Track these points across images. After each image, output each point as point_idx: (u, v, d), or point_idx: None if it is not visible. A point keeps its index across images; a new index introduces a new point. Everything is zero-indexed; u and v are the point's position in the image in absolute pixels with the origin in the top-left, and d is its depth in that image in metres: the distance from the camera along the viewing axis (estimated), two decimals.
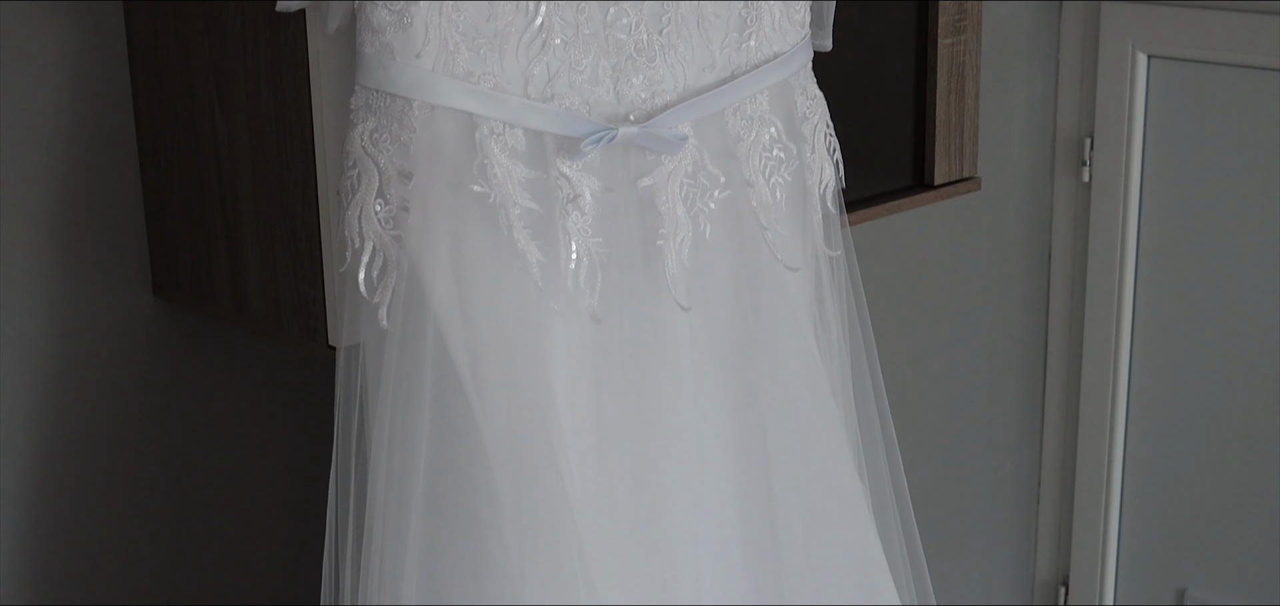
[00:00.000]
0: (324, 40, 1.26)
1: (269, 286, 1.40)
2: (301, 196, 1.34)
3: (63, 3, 1.50)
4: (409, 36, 1.18)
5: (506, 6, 1.21)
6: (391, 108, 1.19)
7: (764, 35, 1.32)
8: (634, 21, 1.26)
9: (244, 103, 1.38)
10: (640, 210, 1.27)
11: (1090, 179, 2.28)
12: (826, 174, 1.38)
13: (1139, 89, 2.21)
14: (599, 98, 1.25)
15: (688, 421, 1.30)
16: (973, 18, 1.75)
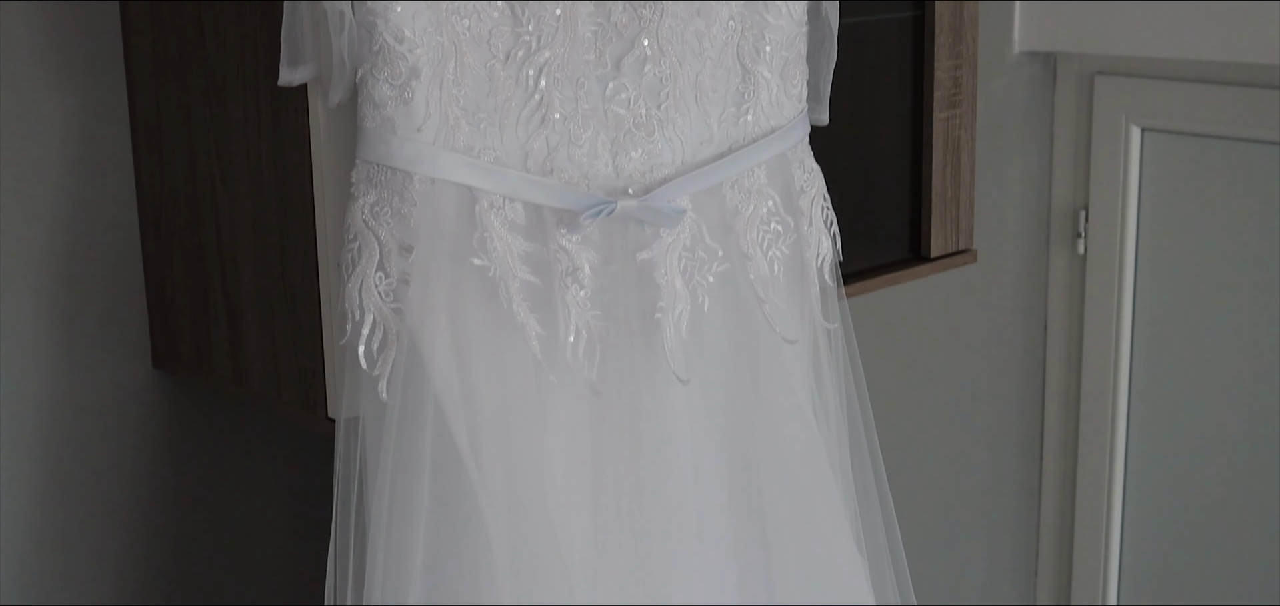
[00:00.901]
0: (325, 114, 1.27)
1: (268, 358, 1.41)
2: (302, 268, 1.34)
3: (66, 73, 1.51)
4: (410, 111, 1.19)
5: (507, 81, 1.22)
6: (392, 181, 1.20)
7: (761, 109, 1.33)
8: (632, 96, 1.27)
9: (245, 175, 1.39)
10: (639, 283, 1.28)
11: (1085, 251, 2.29)
12: (824, 247, 1.39)
13: (1133, 162, 2.23)
14: (598, 171, 1.26)
15: (686, 494, 1.30)
16: (968, 92, 1.77)
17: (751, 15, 1.31)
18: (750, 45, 1.32)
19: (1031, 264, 2.33)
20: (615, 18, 1.25)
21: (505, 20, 1.21)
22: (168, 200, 1.51)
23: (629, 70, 1.26)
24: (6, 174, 1.49)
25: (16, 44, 1.48)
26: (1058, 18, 2.18)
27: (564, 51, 1.23)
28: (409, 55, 1.18)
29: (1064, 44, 2.20)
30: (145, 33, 1.49)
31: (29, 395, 1.54)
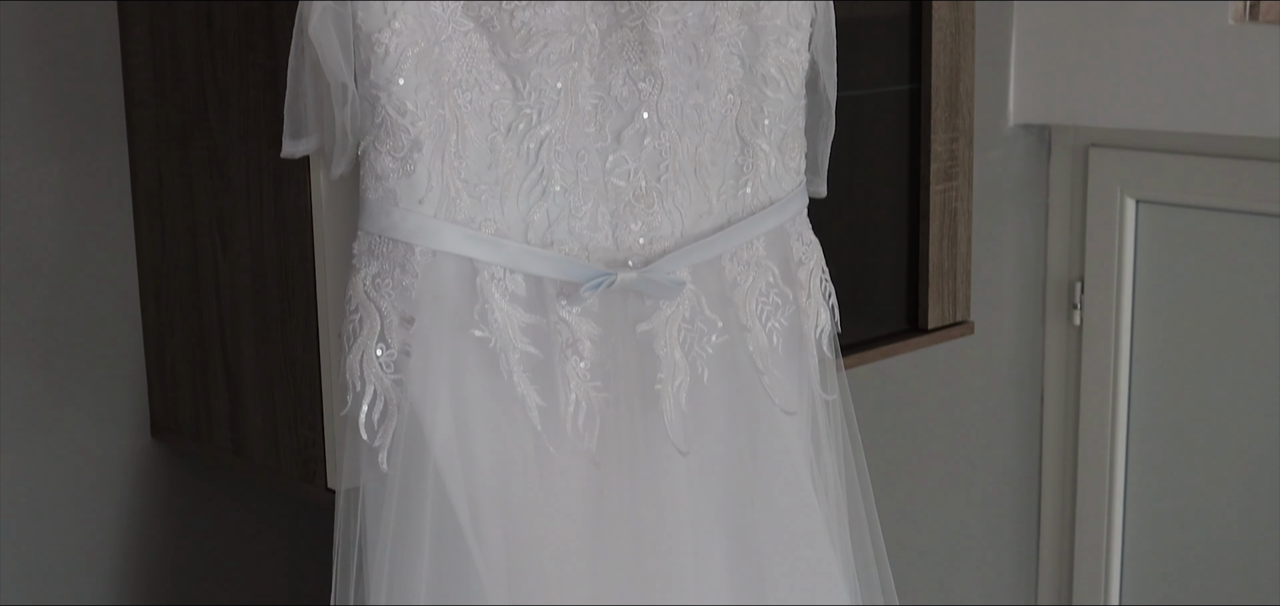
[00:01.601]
0: (328, 185, 1.28)
1: (268, 429, 1.41)
2: (303, 339, 1.35)
3: (68, 142, 1.52)
4: (412, 183, 1.20)
5: (508, 154, 1.23)
6: (394, 253, 1.21)
7: (760, 182, 1.34)
8: (632, 168, 1.28)
9: (247, 245, 1.40)
10: (638, 355, 1.28)
11: (1081, 322, 2.30)
12: (822, 318, 1.39)
13: (1128, 233, 2.24)
14: (598, 243, 1.27)
15: (686, 565, 1.30)
16: (964, 164, 1.78)
17: (750, 89, 1.33)
18: (749, 119, 1.33)
19: (1028, 335, 2.33)
20: (615, 91, 1.26)
21: (506, 94, 1.23)
22: (168, 270, 1.52)
23: (629, 143, 1.27)
24: (7, 241, 1.50)
25: (19, 111, 1.49)
26: (1052, 91, 2.20)
27: (565, 125, 1.24)
28: (411, 128, 1.19)
29: (1059, 117, 2.22)
30: (148, 104, 1.50)
31: (28, 463, 1.54)
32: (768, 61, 1.33)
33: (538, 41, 1.21)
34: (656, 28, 1.26)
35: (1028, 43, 2.20)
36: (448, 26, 1.20)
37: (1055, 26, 2.17)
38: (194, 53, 1.42)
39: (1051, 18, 2.17)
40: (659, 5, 1.25)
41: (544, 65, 1.22)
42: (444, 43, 1.20)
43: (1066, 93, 2.18)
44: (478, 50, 1.21)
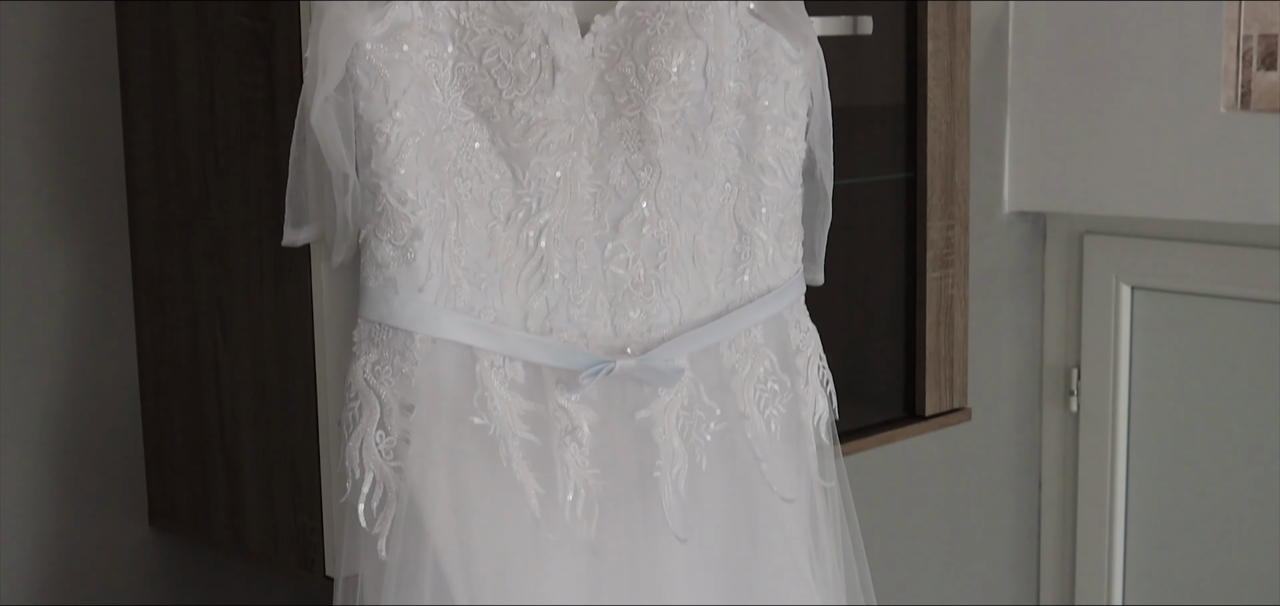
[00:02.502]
0: (328, 273, 1.29)
1: (267, 517, 1.41)
2: (302, 427, 1.35)
3: (70, 230, 1.53)
4: (412, 271, 1.21)
5: (507, 242, 1.24)
6: (394, 340, 1.21)
7: (757, 270, 1.35)
8: (631, 257, 1.29)
9: (247, 334, 1.40)
10: (637, 442, 1.28)
11: (1078, 409, 2.30)
12: (820, 406, 1.40)
13: (1123, 320, 2.25)
14: (597, 331, 1.27)
15: None
16: (959, 252, 1.79)
17: (747, 178, 1.34)
18: (746, 207, 1.34)
19: (1025, 421, 2.34)
20: (614, 180, 1.28)
21: (506, 182, 1.24)
22: (168, 358, 1.52)
23: (627, 231, 1.28)
24: (8, 329, 1.51)
25: (22, 200, 1.50)
26: (1047, 178, 2.21)
27: (564, 213, 1.25)
28: (412, 216, 1.20)
29: (1053, 204, 2.23)
30: (150, 193, 1.52)
31: (26, 551, 1.53)
32: (765, 150, 1.34)
33: (537, 131, 1.23)
34: (655, 117, 1.27)
35: (1022, 131, 2.22)
36: (448, 116, 1.21)
37: (1049, 114, 2.19)
38: (196, 143, 1.43)
39: (1045, 106, 2.19)
40: (657, 95, 1.27)
41: (543, 154, 1.23)
42: (444, 132, 1.21)
43: (1061, 180, 2.20)
44: (478, 139, 1.22)
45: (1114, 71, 2.12)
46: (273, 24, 1.31)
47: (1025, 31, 2.20)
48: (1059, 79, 2.18)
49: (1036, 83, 2.20)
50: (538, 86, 1.22)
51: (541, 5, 1.22)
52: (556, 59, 1.22)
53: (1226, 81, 2.04)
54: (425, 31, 1.20)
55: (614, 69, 1.27)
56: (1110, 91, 2.13)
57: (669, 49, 1.27)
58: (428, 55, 1.20)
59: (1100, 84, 2.14)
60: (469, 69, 1.21)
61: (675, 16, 1.28)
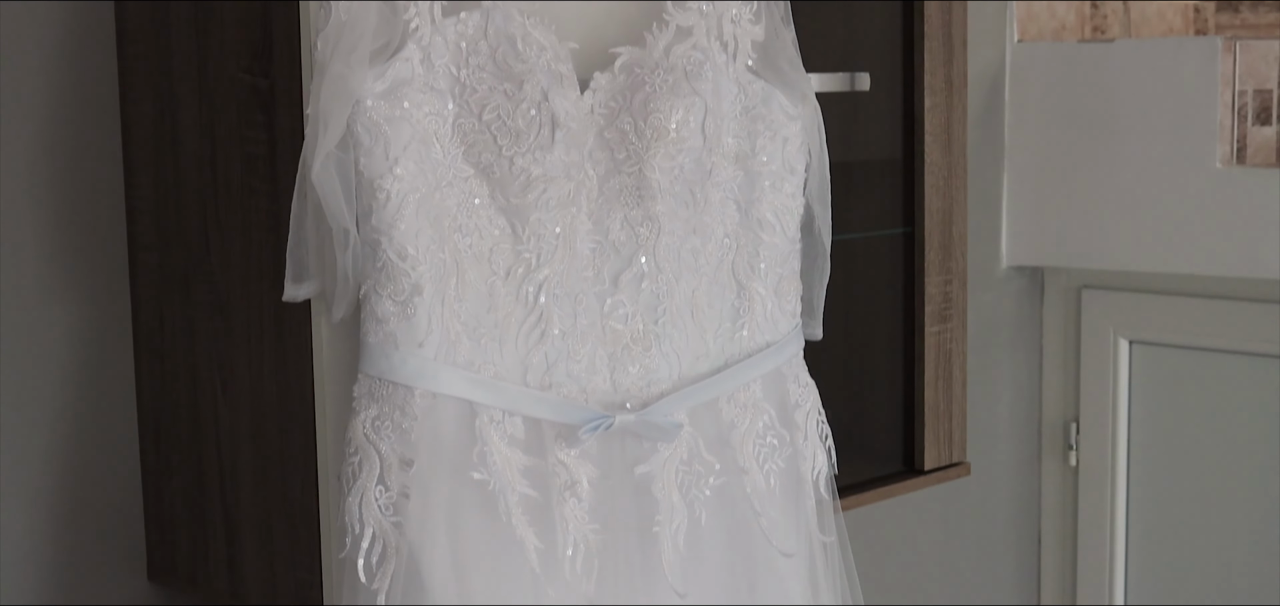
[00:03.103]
0: (328, 328, 1.29)
1: (266, 572, 1.41)
2: (301, 482, 1.35)
3: (72, 285, 1.53)
4: (412, 326, 1.21)
5: (507, 297, 1.24)
6: (394, 395, 1.22)
7: (756, 324, 1.35)
8: (630, 312, 1.29)
9: (247, 388, 1.41)
10: (636, 497, 1.29)
11: (1077, 463, 2.30)
12: (819, 460, 1.40)
13: (1122, 374, 2.25)
14: (596, 386, 1.28)
15: None
16: (958, 306, 1.80)
17: (746, 233, 1.34)
18: (745, 262, 1.35)
19: (1024, 476, 2.34)
20: (613, 236, 1.28)
21: (506, 238, 1.24)
22: (168, 413, 1.53)
23: (626, 287, 1.29)
24: (10, 383, 1.51)
25: (23, 254, 1.51)
26: (1044, 233, 2.22)
27: (563, 268, 1.26)
28: (412, 272, 1.20)
29: (1051, 259, 2.24)
30: (153, 248, 1.52)
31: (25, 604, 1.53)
32: (763, 206, 1.34)
33: (537, 187, 1.23)
34: (654, 173, 1.28)
35: (1019, 185, 2.23)
36: (448, 172, 1.22)
37: (1046, 169, 2.20)
38: (197, 198, 1.44)
39: (1043, 160, 2.20)
40: (656, 151, 1.27)
41: (543, 210, 1.24)
42: (444, 188, 1.22)
43: (1058, 235, 2.21)
44: (478, 195, 1.23)
45: (1111, 126, 2.13)
46: (274, 81, 1.32)
47: (1022, 86, 2.21)
48: (1056, 134, 2.19)
49: (1033, 137, 2.21)
50: (537, 143, 1.23)
51: (541, 62, 1.23)
52: (556, 115, 1.23)
53: (1222, 136, 2.06)
54: (426, 88, 1.21)
55: (613, 125, 1.27)
56: (1107, 146, 2.14)
57: (668, 105, 1.28)
58: (428, 112, 1.21)
59: (1097, 138, 2.15)
60: (469, 125, 1.22)
61: (674, 73, 1.28)
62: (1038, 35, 2.27)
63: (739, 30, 1.34)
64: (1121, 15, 2.45)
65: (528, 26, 1.23)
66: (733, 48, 1.33)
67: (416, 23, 1.21)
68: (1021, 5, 2.24)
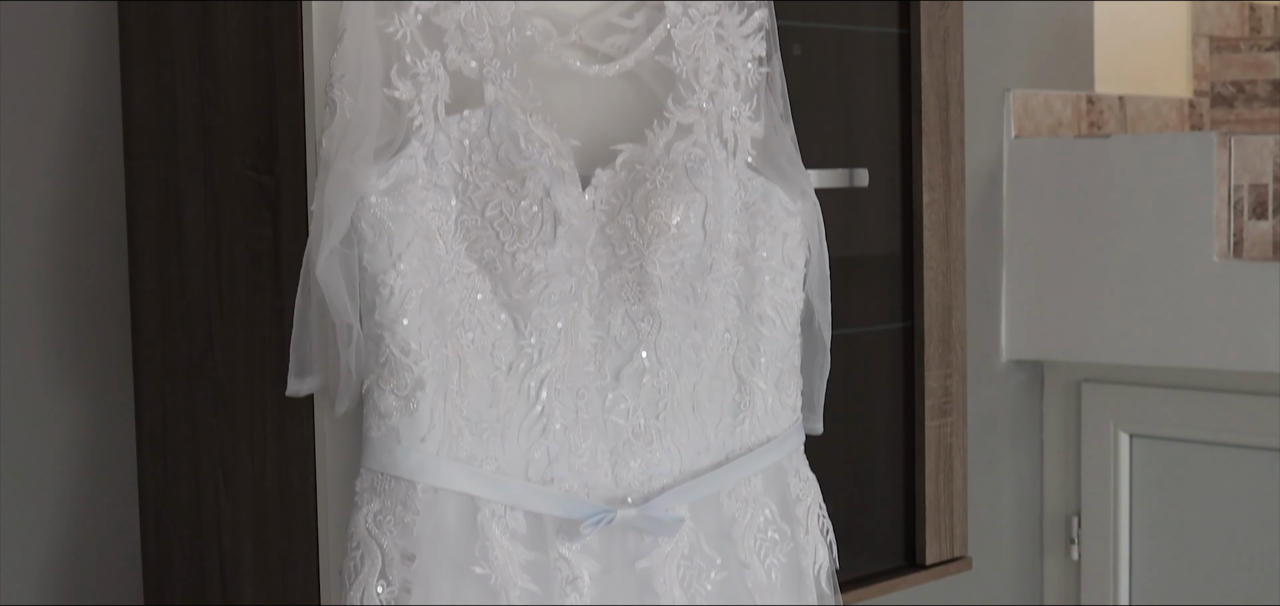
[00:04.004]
0: (330, 423, 1.30)
1: None
2: (303, 577, 1.35)
3: (75, 380, 1.54)
4: (415, 421, 1.21)
5: (509, 392, 1.25)
6: (396, 490, 1.22)
7: (757, 419, 1.36)
8: (631, 406, 1.30)
9: (249, 483, 1.41)
10: (638, 592, 1.28)
11: (1079, 557, 2.30)
12: (820, 555, 1.40)
13: (1123, 468, 2.25)
14: (597, 481, 1.28)
15: None
16: (958, 400, 1.80)
17: (746, 328, 1.35)
18: (746, 356, 1.35)
19: (1026, 570, 2.33)
20: (614, 331, 1.29)
21: (508, 333, 1.25)
22: (170, 507, 1.53)
23: (628, 381, 1.29)
24: (11, 476, 1.51)
25: (28, 350, 1.52)
26: (1043, 327, 2.23)
27: (565, 363, 1.27)
28: (415, 367, 1.21)
29: (1050, 352, 2.24)
30: (156, 342, 1.53)
31: None
32: (763, 301, 1.35)
33: (539, 283, 1.24)
34: (655, 269, 1.29)
35: (1018, 279, 2.24)
36: (451, 268, 1.23)
37: (1045, 263, 2.21)
38: (201, 293, 1.45)
39: (1041, 254, 2.22)
40: (657, 247, 1.28)
41: (545, 305, 1.25)
42: (447, 284, 1.23)
43: (1057, 329, 2.22)
44: (480, 291, 1.24)
45: (1108, 220, 2.15)
46: (279, 177, 1.33)
47: (1019, 181, 2.23)
48: (1054, 228, 2.20)
49: (1032, 232, 2.22)
50: (540, 239, 1.24)
51: (543, 159, 1.24)
52: (558, 212, 1.24)
53: (1219, 230, 2.07)
54: (429, 185, 1.22)
55: (614, 221, 1.29)
56: (1105, 240, 2.15)
57: (668, 202, 1.29)
58: (431, 208, 1.22)
59: (1095, 233, 2.16)
60: (472, 221, 1.23)
61: (674, 170, 1.30)
62: (1034, 131, 2.29)
63: (739, 127, 1.35)
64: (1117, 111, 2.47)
65: (530, 124, 1.25)
66: (733, 145, 1.35)
67: (420, 120, 1.22)
68: (1018, 101, 2.26)
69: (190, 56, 1.43)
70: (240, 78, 1.36)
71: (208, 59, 1.41)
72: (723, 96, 1.35)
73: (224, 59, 1.38)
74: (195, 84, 1.43)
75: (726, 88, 1.35)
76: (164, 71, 1.47)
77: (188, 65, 1.44)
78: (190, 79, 1.43)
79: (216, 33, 1.39)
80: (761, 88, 1.38)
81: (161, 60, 1.48)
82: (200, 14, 1.41)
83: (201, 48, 1.41)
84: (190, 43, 1.43)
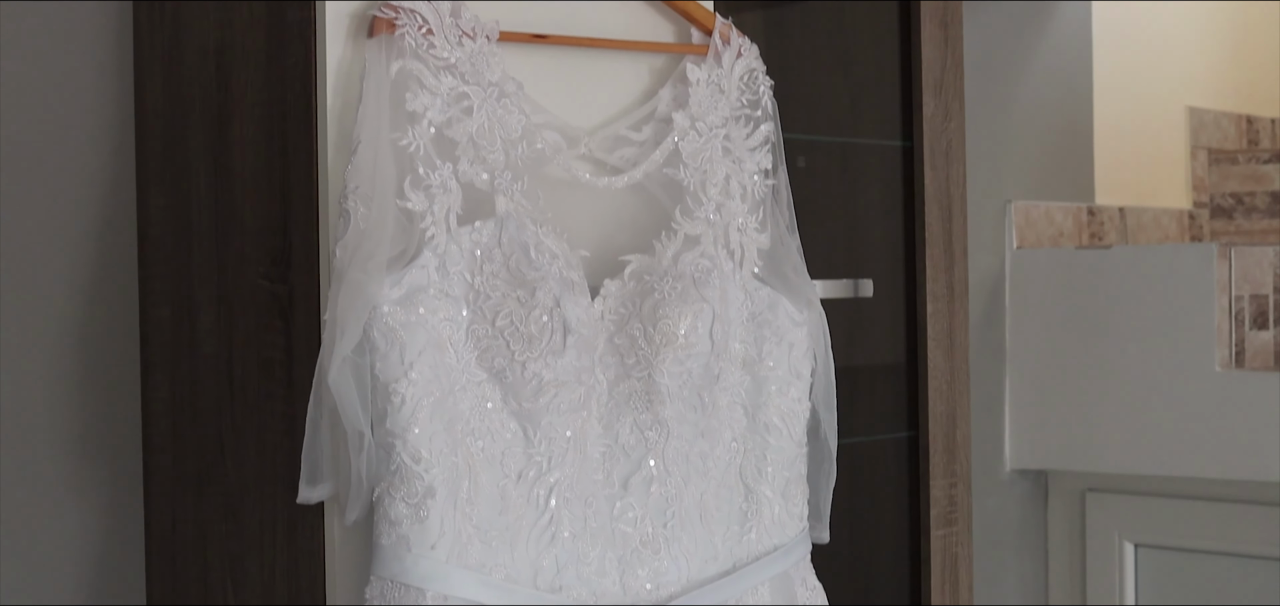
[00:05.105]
0: (341, 530, 1.30)
1: None
2: None
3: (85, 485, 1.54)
4: (425, 529, 1.22)
5: (518, 500, 1.26)
6: (406, 598, 1.22)
7: (764, 528, 1.37)
8: (639, 515, 1.30)
9: (258, 590, 1.41)
10: None
11: None
12: None
13: (1128, 577, 2.25)
14: (606, 589, 1.28)
15: None
16: (963, 510, 1.81)
17: (753, 437, 1.36)
18: (753, 466, 1.36)
19: None
20: (623, 439, 1.30)
21: (517, 442, 1.26)
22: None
23: (636, 490, 1.30)
24: (20, 582, 1.51)
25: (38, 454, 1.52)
26: (1047, 436, 2.24)
27: (574, 472, 1.27)
28: (425, 475, 1.22)
29: (1054, 462, 2.25)
30: (165, 449, 1.54)
31: None
32: (770, 410, 1.37)
33: (548, 392, 1.25)
34: (662, 378, 1.30)
35: (1021, 389, 2.25)
36: (462, 377, 1.24)
37: (1048, 373, 2.22)
38: (213, 401, 1.46)
39: (1044, 364, 2.23)
40: (665, 357, 1.30)
41: (554, 414, 1.26)
42: (458, 392, 1.24)
43: (1061, 438, 2.22)
44: (490, 399, 1.25)
45: (1110, 330, 2.16)
46: (292, 287, 1.35)
47: (1021, 292, 2.25)
48: (1056, 338, 2.22)
49: (1034, 342, 2.24)
50: (549, 348, 1.25)
51: (553, 269, 1.26)
52: (568, 321, 1.26)
53: (1221, 340, 2.09)
54: (440, 295, 1.23)
55: (623, 331, 1.30)
56: (1107, 350, 2.17)
57: (676, 312, 1.30)
58: (443, 318, 1.23)
59: (1097, 342, 2.18)
60: (483, 331, 1.25)
61: (682, 281, 1.31)
62: (1036, 242, 2.31)
63: (745, 238, 1.37)
64: (1118, 222, 2.50)
65: (540, 235, 1.27)
66: (739, 255, 1.37)
67: (433, 231, 1.24)
68: (1020, 212, 2.29)
69: (205, 166, 1.45)
70: (255, 188, 1.38)
71: (223, 168, 1.43)
72: (729, 208, 1.37)
73: (239, 169, 1.41)
74: (210, 193, 1.45)
75: (733, 199, 1.37)
76: (179, 180, 1.50)
77: (203, 174, 1.46)
78: (205, 188, 1.45)
79: (232, 143, 1.41)
80: (768, 199, 1.40)
81: (177, 169, 1.50)
82: (216, 124, 1.43)
83: (217, 157, 1.44)
84: (205, 152, 1.45)
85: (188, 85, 1.47)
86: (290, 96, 1.33)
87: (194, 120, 1.47)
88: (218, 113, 1.43)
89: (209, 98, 1.44)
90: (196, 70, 1.46)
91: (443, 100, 1.25)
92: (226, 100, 1.42)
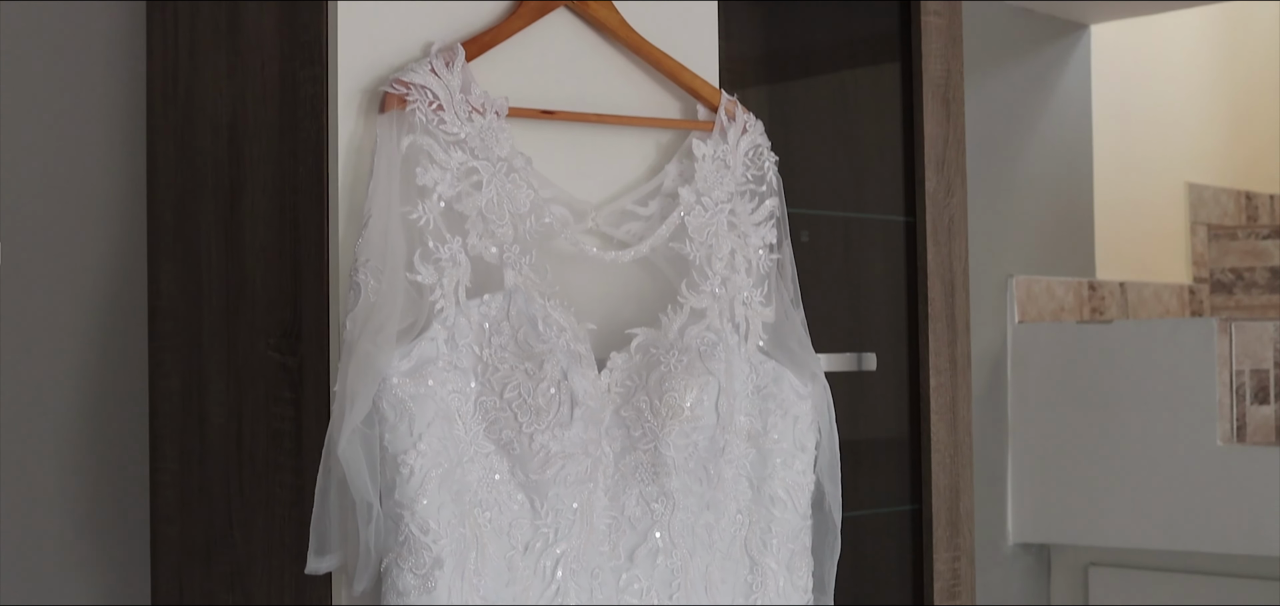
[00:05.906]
0: (349, 601, 1.31)
1: None
2: None
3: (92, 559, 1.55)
4: (432, 600, 1.22)
5: (525, 571, 1.26)
6: None
7: (769, 600, 1.37)
8: (645, 587, 1.31)
9: None
10: None
11: None
12: None
13: None
14: None
15: None
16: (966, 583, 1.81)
17: (758, 510, 1.37)
18: (758, 538, 1.37)
19: None
20: (629, 511, 1.31)
21: (525, 513, 1.27)
22: None
23: (642, 562, 1.31)
24: None
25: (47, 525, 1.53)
26: (1050, 510, 2.24)
27: (580, 543, 1.28)
28: (433, 546, 1.22)
29: (1057, 536, 2.25)
30: (173, 520, 1.54)
31: None
32: (775, 483, 1.37)
33: (556, 463, 1.26)
34: (668, 450, 1.31)
35: (1024, 464, 2.26)
36: (470, 448, 1.25)
37: (1050, 447, 2.23)
38: (221, 472, 1.46)
39: (1046, 438, 2.24)
40: (671, 429, 1.31)
41: (561, 486, 1.27)
42: (466, 464, 1.25)
43: (1063, 512, 2.23)
44: (498, 471, 1.26)
45: (1112, 405, 2.17)
46: (302, 359, 1.36)
47: (1023, 366, 2.26)
48: (1058, 412, 2.22)
49: (1036, 416, 2.25)
50: (557, 420, 1.26)
51: (561, 343, 1.27)
52: (575, 394, 1.27)
53: (1222, 415, 2.09)
54: (449, 367, 1.24)
55: (629, 403, 1.31)
56: (1109, 424, 2.17)
57: (682, 385, 1.31)
58: (452, 390, 1.24)
59: (1099, 417, 2.18)
60: (491, 403, 1.26)
61: (688, 354, 1.33)
62: (1038, 316, 2.33)
63: (750, 312, 1.39)
64: (1118, 296, 2.51)
65: (548, 308, 1.28)
66: (744, 329, 1.38)
67: (442, 304, 1.25)
68: (1021, 287, 2.30)
69: (217, 238, 1.47)
70: (266, 260, 1.40)
71: (234, 241, 1.44)
72: (735, 282, 1.38)
73: (250, 241, 1.42)
74: (221, 265, 1.46)
75: (738, 273, 1.38)
76: (190, 252, 1.51)
77: (214, 246, 1.47)
78: (216, 260, 1.47)
79: (243, 215, 1.43)
80: (772, 273, 1.41)
81: (187, 240, 1.51)
82: (227, 196, 1.45)
83: (228, 229, 1.45)
84: (217, 224, 1.46)
85: (200, 157, 1.49)
86: (302, 170, 1.35)
87: (206, 192, 1.48)
88: (229, 185, 1.44)
89: (221, 170, 1.46)
90: (209, 143, 1.48)
91: (452, 175, 1.27)
92: (238, 173, 1.43)
